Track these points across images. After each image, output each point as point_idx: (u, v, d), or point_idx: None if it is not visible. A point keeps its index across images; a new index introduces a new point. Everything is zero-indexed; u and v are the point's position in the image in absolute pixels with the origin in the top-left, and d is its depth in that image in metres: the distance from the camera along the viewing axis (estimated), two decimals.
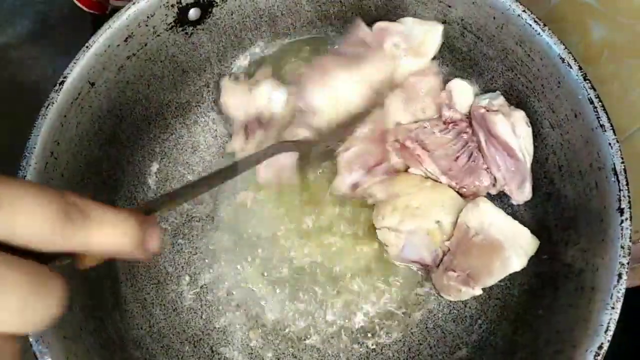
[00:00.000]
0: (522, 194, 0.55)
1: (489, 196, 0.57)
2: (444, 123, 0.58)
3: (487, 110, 0.55)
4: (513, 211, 0.57)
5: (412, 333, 0.57)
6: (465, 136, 0.57)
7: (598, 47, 0.55)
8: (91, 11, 0.68)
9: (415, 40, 0.57)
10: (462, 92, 0.58)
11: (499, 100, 0.57)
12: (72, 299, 0.47)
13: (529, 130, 0.54)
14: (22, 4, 0.72)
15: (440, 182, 0.57)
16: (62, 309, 0.24)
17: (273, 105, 0.57)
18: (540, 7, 0.59)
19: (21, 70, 0.69)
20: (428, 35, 0.57)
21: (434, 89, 0.59)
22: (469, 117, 0.58)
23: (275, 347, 0.57)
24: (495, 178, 0.56)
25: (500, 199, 0.58)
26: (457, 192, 0.57)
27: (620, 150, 0.45)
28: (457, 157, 0.57)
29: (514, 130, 0.54)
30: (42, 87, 0.50)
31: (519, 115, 0.55)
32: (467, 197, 0.57)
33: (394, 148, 0.59)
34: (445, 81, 0.60)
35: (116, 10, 0.55)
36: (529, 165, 0.54)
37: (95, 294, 0.52)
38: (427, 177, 0.58)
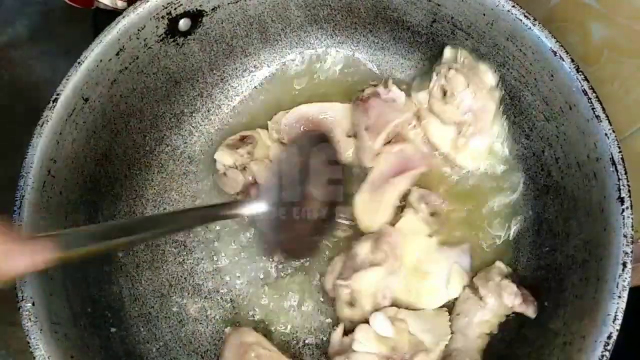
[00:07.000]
0: None
1: None
2: None
3: None
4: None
5: None
6: None
7: (598, 47, 0.55)
8: (76, 5, 0.66)
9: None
10: None
11: None
12: (76, 319, 0.47)
13: None
14: (22, 4, 0.72)
15: None
16: None
17: None
18: (540, 7, 0.59)
19: (21, 70, 0.69)
20: None
21: None
22: None
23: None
24: None
25: None
26: None
27: (616, 139, 0.46)
28: None
29: None
30: (42, 87, 0.50)
31: None
32: None
33: None
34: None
35: (101, 9, 0.54)
36: None
37: (99, 312, 0.52)
38: None
